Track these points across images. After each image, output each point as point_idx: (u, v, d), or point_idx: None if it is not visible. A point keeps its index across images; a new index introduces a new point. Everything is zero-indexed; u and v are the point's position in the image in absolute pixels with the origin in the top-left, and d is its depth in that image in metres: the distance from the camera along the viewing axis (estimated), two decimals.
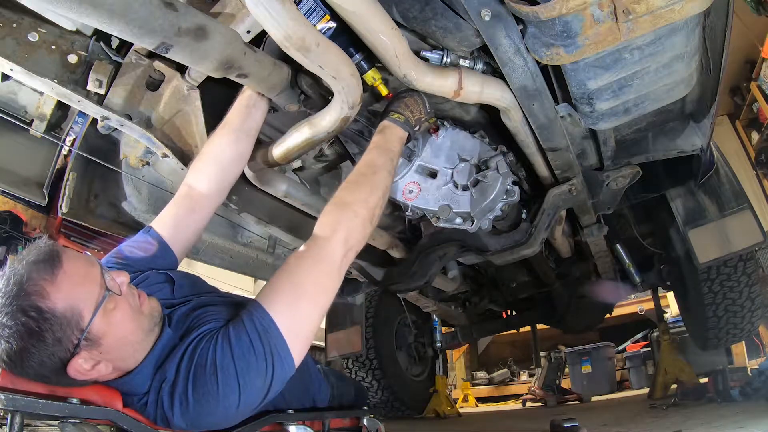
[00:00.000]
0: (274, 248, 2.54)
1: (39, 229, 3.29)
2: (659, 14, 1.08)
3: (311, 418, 1.35)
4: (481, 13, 1.17)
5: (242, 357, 0.95)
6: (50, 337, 0.89)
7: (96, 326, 0.94)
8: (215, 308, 1.15)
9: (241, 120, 1.40)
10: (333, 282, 1.10)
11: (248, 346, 0.96)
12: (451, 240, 2.08)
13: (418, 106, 1.48)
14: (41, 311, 0.88)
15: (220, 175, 1.38)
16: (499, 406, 6.62)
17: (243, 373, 0.94)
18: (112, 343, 0.97)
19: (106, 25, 0.95)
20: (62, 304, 0.90)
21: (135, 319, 1.01)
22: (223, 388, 0.94)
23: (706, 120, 1.81)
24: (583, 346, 6.27)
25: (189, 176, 1.38)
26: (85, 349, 0.93)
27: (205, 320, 1.08)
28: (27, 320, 0.88)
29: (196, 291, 1.28)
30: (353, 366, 3.86)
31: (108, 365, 0.97)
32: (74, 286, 0.93)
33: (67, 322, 0.91)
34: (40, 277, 0.90)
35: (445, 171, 1.76)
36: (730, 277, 2.90)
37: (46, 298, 0.89)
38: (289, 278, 1.06)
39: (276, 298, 1.03)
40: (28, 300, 0.88)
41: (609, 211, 2.30)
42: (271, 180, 1.64)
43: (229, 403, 0.95)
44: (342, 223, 1.15)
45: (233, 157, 1.39)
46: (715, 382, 3.25)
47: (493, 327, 4.42)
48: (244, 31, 1.28)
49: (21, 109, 1.89)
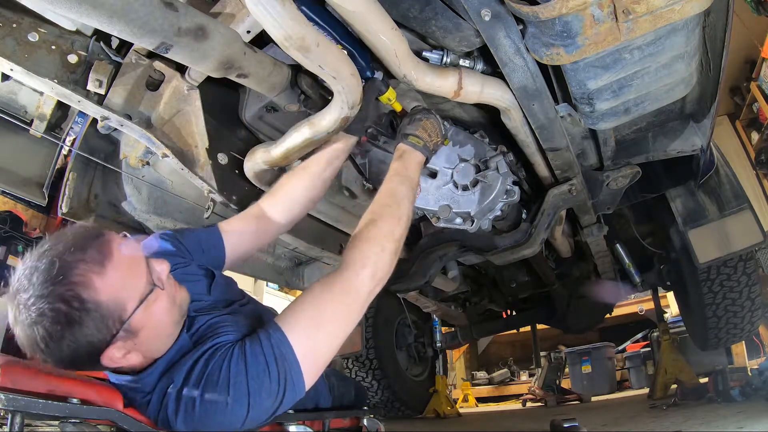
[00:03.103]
0: (274, 248, 2.53)
1: (39, 229, 3.29)
2: (659, 14, 1.08)
3: (311, 418, 1.35)
4: (481, 13, 1.17)
5: (256, 377, 0.96)
6: (90, 327, 0.88)
7: (136, 319, 0.94)
8: (232, 319, 1.14)
9: (321, 169, 1.47)
10: (356, 315, 1.10)
11: (264, 368, 0.96)
12: (451, 240, 2.08)
13: (435, 129, 1.50)
14: (84, 302, 0.87)
15: (289, 212, 1.46)
16: (499, 406, 6.62)
17: (255, 393, 0.95)
18: (148, 335, 0.97)
19: (106, 25, 0.95)
20: (107, 297, 0.90)
21: (171, 311, 1.02)
22: (232, 402, 0.94)
23: (706, 120, 1.81)
24: (583, 346, 6.27)
25: (264, 202, 1.45)
26: (120, 340, 0.93)
27: (220, 331, 1.07)
28: (69, 310, 0.86)
29: (229, 296, 1.29)
30: (353, 366, 3.86)
31: (139, 355, 0.98)
32: (122, 278, 0.92)
33: (109, 314, 0.90)
34: (89, 268, 0.89)
35: (445, 171, 1.76)
36: (730, 277, 2.90)
37: (91, 289, 0.88)
38: (313, 306, 1.06)
39: (297, 325, 1.03)
40: (72, 289, 0.86)
41: (609, 211, 2.30)
42: (271, 180, 1.64)
43: (236, 417, 0.95)
44: (370, 258, 1.14)
45: (305, 201, 1.49)
46: (715, 382, 3.25)
47: (493, 327, 4.42)
48: (244, 31, 1.28)
49: (21, 109, 1.89)
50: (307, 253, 2.31)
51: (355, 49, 1.34)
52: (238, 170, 1.59)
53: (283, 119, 1.64)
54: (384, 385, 3.86)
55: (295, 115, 1.49)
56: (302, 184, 1.46)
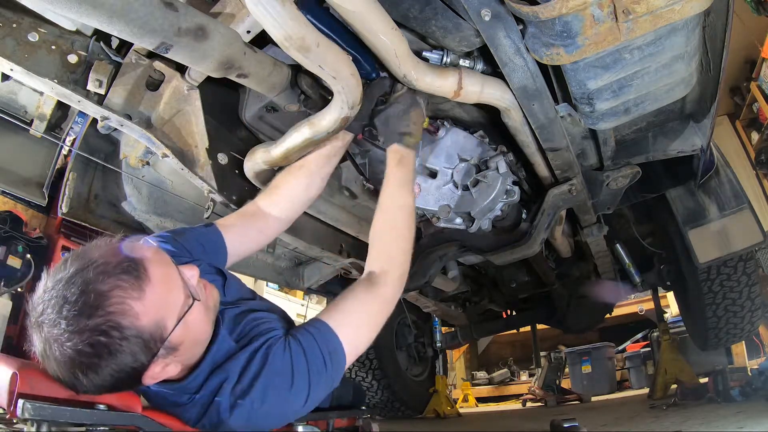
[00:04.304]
0: (274, 248, 2.53)
1: (39, 229, 3.29)
2: (659, 14, 1.08)
3: (316, 418, 1.36)
4: (481, 13, 1.17)
5: (317, 371, 0.99)
6: (131, 354, 0.84)
7: (176, 335, 0.90)
8: (265, 315, 1.16)
9: (318, 167, 1.47)
10: (385, 318, 1.18)
11: (321, 362, 1.00)
12: (451, 240, 2.08)
13: (421, 116, 1.49)
14: (124, 330, 0.82)
15: (289, 210, 1.47)
16: (499, 406, 6.62)
17: (314, 386, 0.99)
18: (188, 346, 0.95)
19: (106, 25, 0.95)
20: (148, 321, 0.85)
21: (207, 317, 0.99)
22: (295, 394, 0.96)
23: (706, 120, 1.81)
24: (583, 346, 6.27)
25: (261, 201, 1.44)
26: (162, 357, 0.89)
27: (265, 328, 1.07)
28: (108, 341, 0.81)
29: (243, 294, 1.29)
30: (353, 366, 3.85)
31: (177, 365, 0.94)
32: (162, 299, 0.87)
33: (150, 337, 0.86)
34: (127, 295, 0.83)
35: (445, 171, 1.76)
36: (730, 277, 2.90)
37: (131, 316, 0.83)
38: (361, 307, 1.13)
39: (346, 322, 1.08)
40: (111, 320, 0.81)
41: (609, 211, 2.30)
42: (271, 180, 1.64)
43: (293, 408, 0.98)
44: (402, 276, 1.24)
45: (304, 199, 1.50)
46: (715, 382, 3.25)
47: (493, 327, 4.42)
48: (244, 31, 1.28)
49: (21, 109, 1.89)
50: (307, 253, 2.31)
51: (360, 54, 1.34)
52: (238, 170, 1.59)
53: (283, 119, 1.64)
54: (384, 385, 3.86)
55: (295, 115, 1.49)
56: (301, 182, 1.46)
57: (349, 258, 2.27)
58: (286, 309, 1.37)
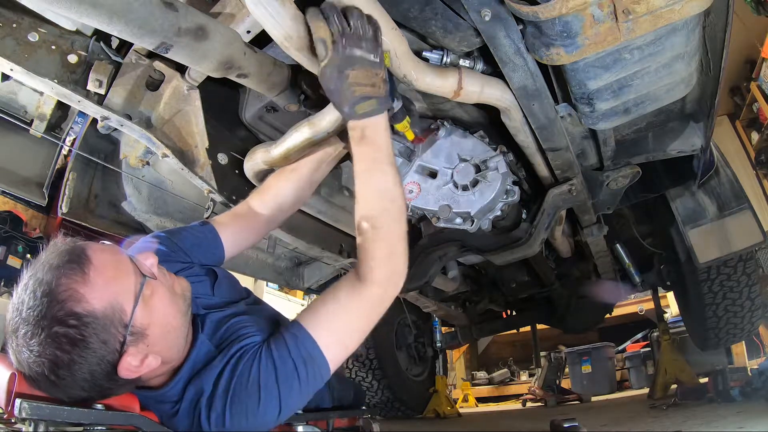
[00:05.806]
0: (274, 248, 2.54)
1: (39, 229, 3.29)
2: (659, 14, 1.08)
3: (317, 419, 1.36)
4: (481, 13, 1.17)
5: (286, 381, 0.97)
6: (95, 342, 0.84)
7: (139, 317, 0.90)
8: (250, 319, 1.13)
9: (310, 172, 1.46)
10: (378, 317, 1.11)
11: (293, 371, 0.97)
12: (451, 240, 2.08)
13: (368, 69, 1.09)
14: (80, 317, 0.83)
15: (278, 212, 1.46)
16: (499, 406, 6.62)
17: (285, 397, 0.96)
18: (158, 332, 0.94)
19: (106, 25, 0.95)
20: (101, 303, 0.85)
21: (173, 301, 0.98)
22: (264, 406, 0.95)
23: (706, 120, 1.81)
24: (583, 346, 6.26)
25: (253, 201, 1.44)
26: (132, 345, 0.89)
27: (243, 333, 1.06)
28: (67, 330, 0.82)
29: (234, 294, 1.28)
30: (353, 366, 3.85)
31: (156, 357, 0.93)
32: (109, 280, 0.88)
33: (110, 321, 0.86)
34: (71, 280, 0.84)
35: (445, 171, 1.76)
36: (730, 277, 2.90)
37: (83, 301, 0.84)
38: (343, 309, 1.06)
39: (326, 326, 1.03)
40: (63, 308, 0.82)
41: (609, 211, 2.30)
42: None
43: (266, 420, 0.96)
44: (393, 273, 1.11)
45: (293, 202, 1.49)
46: (715, 382, 3.24)
47: (493, 327, 4.42)
48: (244, 31, 1.28)
49: (21, 109, 1.89)
50: (307, 253, 2.32)
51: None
52: (238, 170, 1.59)
53: (283, 119, 1.64)
54: (384, 385, 3.86)
55: (295, 115, 1.49)
56: (291, 185, 1.46)
57: (349, 258, 2.27)
58: (286, 309, 1.37)
